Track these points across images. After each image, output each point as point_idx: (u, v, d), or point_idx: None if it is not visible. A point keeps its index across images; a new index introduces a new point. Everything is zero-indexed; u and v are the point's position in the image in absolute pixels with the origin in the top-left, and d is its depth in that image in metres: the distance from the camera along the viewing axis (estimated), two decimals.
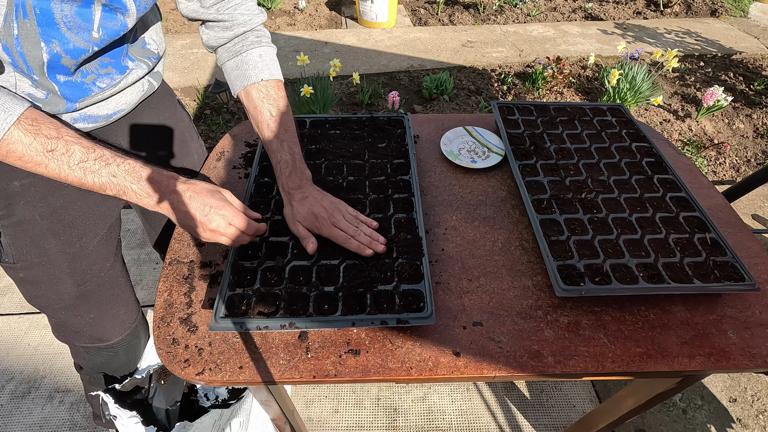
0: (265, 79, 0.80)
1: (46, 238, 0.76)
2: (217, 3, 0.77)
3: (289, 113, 0.82)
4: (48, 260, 0.77)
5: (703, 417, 1.36)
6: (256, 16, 0.81)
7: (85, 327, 0.88)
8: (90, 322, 0.88)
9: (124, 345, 0.97)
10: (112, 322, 0.91)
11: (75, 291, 0.82)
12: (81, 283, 0.82)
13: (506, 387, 1.45)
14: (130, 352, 1.00)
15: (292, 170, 0.79)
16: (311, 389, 1.44)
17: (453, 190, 0.93)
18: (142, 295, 1.73)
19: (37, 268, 0.77)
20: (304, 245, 0.75)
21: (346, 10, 4.28)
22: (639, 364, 0.66)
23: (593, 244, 0.77)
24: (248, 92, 0.80)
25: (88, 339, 0.92)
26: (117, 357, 0.98)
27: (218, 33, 0.80)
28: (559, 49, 3.46)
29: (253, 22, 0.80)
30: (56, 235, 0.77)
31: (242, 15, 0.79)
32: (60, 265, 0.79)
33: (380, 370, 0.64)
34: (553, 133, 1.02)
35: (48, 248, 0.77)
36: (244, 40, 0.80)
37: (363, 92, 2.75)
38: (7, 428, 1.35)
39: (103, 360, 0.98)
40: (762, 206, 2.10)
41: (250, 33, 0.81)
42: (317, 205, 0.77)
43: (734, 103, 2.88)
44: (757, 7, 4.28)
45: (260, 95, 0.79)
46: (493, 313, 0.71)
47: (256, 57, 0.80)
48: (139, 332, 1.00)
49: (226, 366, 0.64)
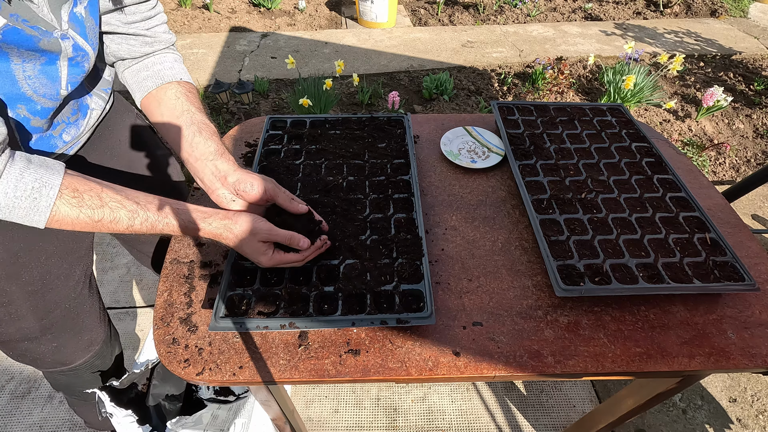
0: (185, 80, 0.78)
1: (6, 281, 0.73)
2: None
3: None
4: (9, 301, 0.74)
5: (703, 417, 1.36)
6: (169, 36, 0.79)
7: (47, 353, 0.86)
8: (53, 349, 0.85)
9: (87, 366, 0.95)
10: (75, 347, 0.89)
11: (37, 326, 0.80)
12: (44, 317, 0.80)
13: (506, 387, 1.45)
14: (95, 373, 0.98)
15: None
16: (311, 389, 1.44)
17: (453, 190, 0.93)
18: (142, 295, 1.73)
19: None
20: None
21: (346, 10, 4.28)
22: (639, 364, 0.66)
23: (593, 244, 0.77)
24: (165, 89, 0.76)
25: (50, 364, 0.89)
26: (80, 378, 0.96)
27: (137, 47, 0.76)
28: (559, 50, 3.46)
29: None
30: (16, 278, 0.73)
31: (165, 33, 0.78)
32: (21, 304, 0.76)
33: (380, 370, 0.64)
34: (553, 133, 1.02)
35: (8, 290, 0.73)
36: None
37: (363, 92, 2.75)
38: (7, 428, 1.35)
39: (67, 381, 0.96)
40: (762, 206, 2.10)
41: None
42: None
43: (734, 104, 2.88)
44: (757, 7, 4.28)
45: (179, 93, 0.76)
46: (493, 313, 0.71)
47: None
48: (103, 353, 0.98)
49: (226, 366, 0.64)
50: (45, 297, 0.78)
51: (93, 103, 0.76)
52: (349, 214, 0.81)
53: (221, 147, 0.73)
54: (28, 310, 0.77)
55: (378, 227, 0.79)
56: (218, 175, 0.71)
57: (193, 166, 0.72)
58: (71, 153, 0.75)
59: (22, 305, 0.76)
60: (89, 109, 0.75)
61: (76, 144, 0.75)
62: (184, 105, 0.74)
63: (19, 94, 0.59)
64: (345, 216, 0.81)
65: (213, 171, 0.71)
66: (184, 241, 0.82)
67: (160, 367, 1.06)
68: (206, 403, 1.06)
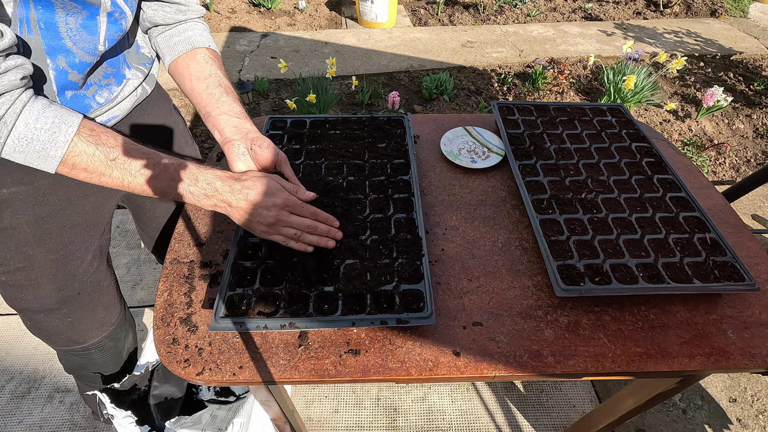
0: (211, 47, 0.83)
1: (31, 245, 0.75)
2: None
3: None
4: (31, 266, 0.77)
5: (702, 417, 1.36)
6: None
7: (62, 329, 0.88)
8: (68, 325, 0.87)
9: (98, 347, 0.96)
10: (90, 324, 0.91)
11: (56, 296, 0.82)
12: (62, 288, 0.82)
13: (506, 387, 1.45)
14: (105, 354, 0.99)
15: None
16: (311, 389, 1.44)
17: (453, 190, 0.93)
18: (142, 295, 1.73)
19: (19, 273, 0.77)
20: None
21: (346, 10, 4.28)
22: (639, 364, 0.66)
23: (593, 244, 0.77)
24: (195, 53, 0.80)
25: (64, 342, 0.91)
26: (91, 359, 0.97)
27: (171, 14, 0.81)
28: (559, 50, 3.46)
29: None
30: (41, 243, 0.76)
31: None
32: (43, 271, 0.78)
33: (380, 370, 0.64)
34: (553, 133, 1.02)
35: (32, 255, 0.76)
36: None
37: (363, 92, 2.75)
38: (7, 428, 1.35)
39: (79, 362, 0.98)
40: (762, 206, 2.10)
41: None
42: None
43: (734, 104, 2.88)
44: (756, 7, 4.28)
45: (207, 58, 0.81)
46: (493, 313, 0.71)
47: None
48: (117, 335, 0.99)
49: (226, 366, 0.64)
50: (65, 267, 0.80)
51: (129, 73, 0.79)
52: (349, 214, 0.81)
53: (244, 111, 0.78)
54: (48, 278, 0.79)
55: (378, 227, 0.79)
56: (240, 130, 0.75)
57: (216, 119, 0.76)
58: (108, 125, 0.77)
59: (44, 272, 0.78)
60: (125, 78, 0.78)
61: (109, 112, 0.77)
62: (212, 69, 0.80)
63: (61, 45, 0.62)
64: (345, 216, 0.81)
65: (236, 125, 0.75)
66: (184, 241, 0.82)
67: (161, 368, 1.06)
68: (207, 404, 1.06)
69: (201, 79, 0.78)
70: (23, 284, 0.79)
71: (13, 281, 0.78)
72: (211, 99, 0.77)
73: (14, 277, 0.77)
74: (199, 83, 0.77)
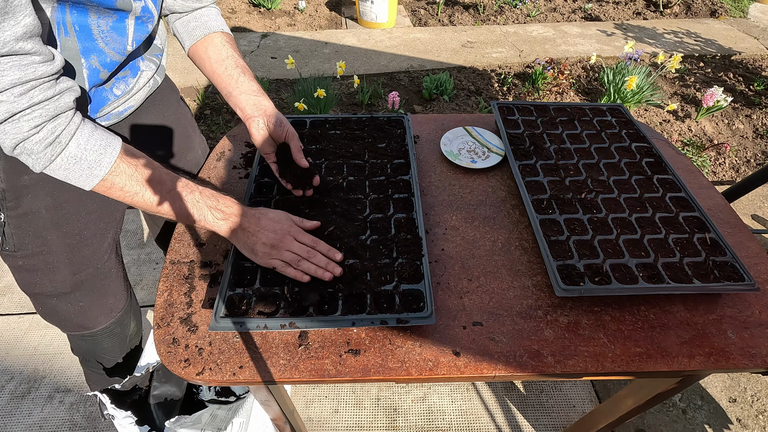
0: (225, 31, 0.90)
1: (48, 230, 0.78)
2: None
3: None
4: (48, 250, 0.80)
5: (702, 417, 1.37)
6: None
7: (73, 315, 0.90)
8: (78, 309, 0.90)
9: (107, 333, 0.98)
10: (99, 310, 0.94)
11: (70, 280, 0.84)
12: (77, 273, 0.84)
13: (506, 387, 1.45)
14: (114, 340, 1.01)
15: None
16: (311, 389, 1.44)
17: (453, 190, 0.93)
18: (142, 295, 1.73)
19: (36, 257, 0.80)
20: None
21: (346, 10, 4.28)
22: (639, 364, 0.66)
23: (593, 244, 0.77)
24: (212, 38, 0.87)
25: (74, 327, 0.94)
26: (99, 344, 1.00)
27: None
28: (559, 50, 3.46)
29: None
30: (58, 227, 0.79)
31: None
32: (59, 255, 0.81)
33: (380, 370, 0.64)
34: (553, 134, 1.02)
35: (49, 239, 0.79)
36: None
37: (363, 92, 2.75)
38: (7, 428, 1.35)
39: (87, 347, 1.00)
40: (762, 206, 2.10)
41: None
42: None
43: (734, 104, 2.88)
44: (756, 7, 4.29)
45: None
46: (493, 313, 0.71)
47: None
48: (124, 321, 1.01)
49: (226, 366, 0.64)
50: (80, 252, 0.83)
51: (143, 65, 0.83)
52: (349, 214, 0.81)
53: (261, 88, 0.87)
54: (63, 262, 0.82)
55: (378, 227, 0.79)
56: (259, 107, 0.84)
57: (237, 98, 0.85)
58: (125, 114, 0.82)
59: (59, 257, 0.81)
60: (139, 70, 0.82)
61: (125, 103, 0.81)
62: (229, 51, 0.87)
63: (94, 46, 0.67)
64: (345, 216, 0.81)
65: (255, 103, 0.84)
66: (185, 241, 0.82)
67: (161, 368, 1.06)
68: (207, 404, 1.07)
69: (219, 61, 0.86)
70: (39, 268, 0.81)
71: (30, 265, 0.81)
72: (230, 80, 0.85)
73: (31, 261, 0.80)
74: (218, 65, 0.86)
